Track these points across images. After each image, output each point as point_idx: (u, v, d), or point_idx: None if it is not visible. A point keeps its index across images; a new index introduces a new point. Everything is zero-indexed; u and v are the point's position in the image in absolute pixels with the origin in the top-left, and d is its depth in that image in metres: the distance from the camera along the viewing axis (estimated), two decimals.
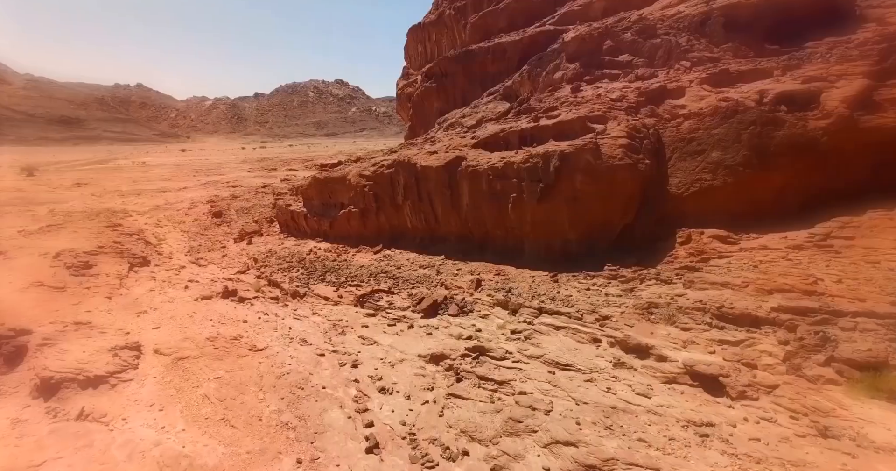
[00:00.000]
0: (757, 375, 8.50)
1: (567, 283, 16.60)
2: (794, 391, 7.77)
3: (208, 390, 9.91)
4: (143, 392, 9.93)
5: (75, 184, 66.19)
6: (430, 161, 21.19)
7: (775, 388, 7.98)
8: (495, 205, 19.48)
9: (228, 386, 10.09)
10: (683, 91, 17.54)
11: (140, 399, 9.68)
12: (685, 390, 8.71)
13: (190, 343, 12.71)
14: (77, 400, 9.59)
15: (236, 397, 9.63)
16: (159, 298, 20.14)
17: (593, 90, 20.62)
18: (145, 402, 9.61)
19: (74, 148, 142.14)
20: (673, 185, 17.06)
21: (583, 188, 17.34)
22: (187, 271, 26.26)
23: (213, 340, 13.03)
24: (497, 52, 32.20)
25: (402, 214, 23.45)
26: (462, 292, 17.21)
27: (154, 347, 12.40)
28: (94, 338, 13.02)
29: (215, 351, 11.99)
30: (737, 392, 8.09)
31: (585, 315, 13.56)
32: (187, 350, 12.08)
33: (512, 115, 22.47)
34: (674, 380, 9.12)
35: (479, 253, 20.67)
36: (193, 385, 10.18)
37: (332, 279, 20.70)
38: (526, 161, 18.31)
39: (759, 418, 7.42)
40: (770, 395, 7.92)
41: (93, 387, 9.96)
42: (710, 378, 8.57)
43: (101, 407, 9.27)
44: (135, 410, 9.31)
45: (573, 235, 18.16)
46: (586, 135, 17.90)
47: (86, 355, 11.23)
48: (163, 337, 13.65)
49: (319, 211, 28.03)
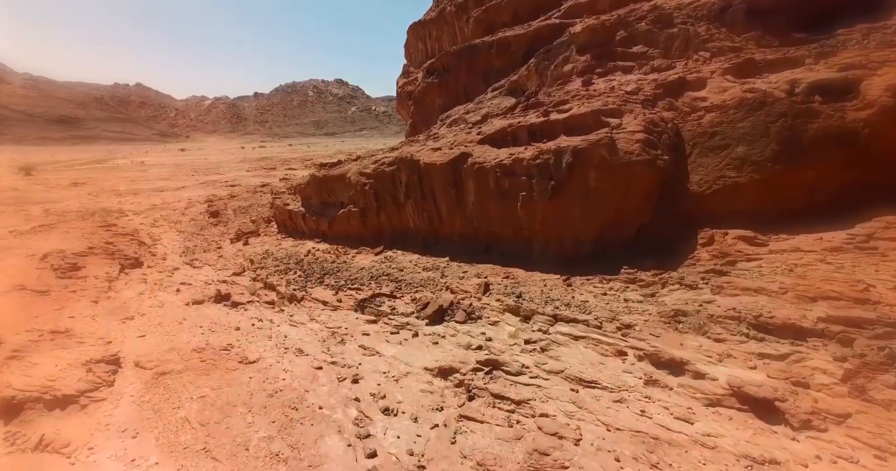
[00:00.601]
0: (819, 399, 7.32)
1: (581, 287, 15.43)
2: (873, 423, 6.59)
3: (190, 412, 8.72)
4: (117, 414, 8.74)
5: (72, 183, 65.04)
6: (433, 158, 19.98)
7: (847, 417, 6.81)
8: (503, 203, 18.29)
9: (213, 407, 8.89)
10: (704, 82, 16.35)
11: (112, 423, 8.50)
12: (733, 415, 7.55)
13: (175, 355, 11.50)
14: (41, 424, 8.40)
15: (221, 420, 8.44)
16: (148, 302, 18.93)
17: (606, 83, 19.42)
18: (117, 426, 8.42)
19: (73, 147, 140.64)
20: (693, 182, 15.88)
21: (597, 186, 16.16)
22: (181, 273, 25.06)
23: (201, 350, 11.83)
24: (501, 46, 30.96)
25: (404, 213, 22.25)
26: (469, 297, 16.03)
27: (135, 359, 11.20)
28: (71, 349, 11.81)
29: (202, 364, 10.79)
30: (799, 421, 6.91)
31: (605, 323, 12.39)
32: (171, 363, 10.88)
33: (519, 110, 21.26)
34: (718, 402, 7.95)
35: (485, 254, 19.48)
36: (174, 406, 8.99)
37: (330, 282, 19.51)
38: (536, 157, 17.12)
39: (836, 457, 6.25)
40: (842, 425, 6.75)
41: (60, 408, 8.77)
42: (762, 402, 7.41)
43: (65, 433, 8.09)
44: (104, 437, 8.12)
45: (586, 236, 16.97)
46: (600, 129, 16.70)
47: (57, 369, 10.03)
48: (146, 347, 12.44)
49: (318, 210, 26.80)
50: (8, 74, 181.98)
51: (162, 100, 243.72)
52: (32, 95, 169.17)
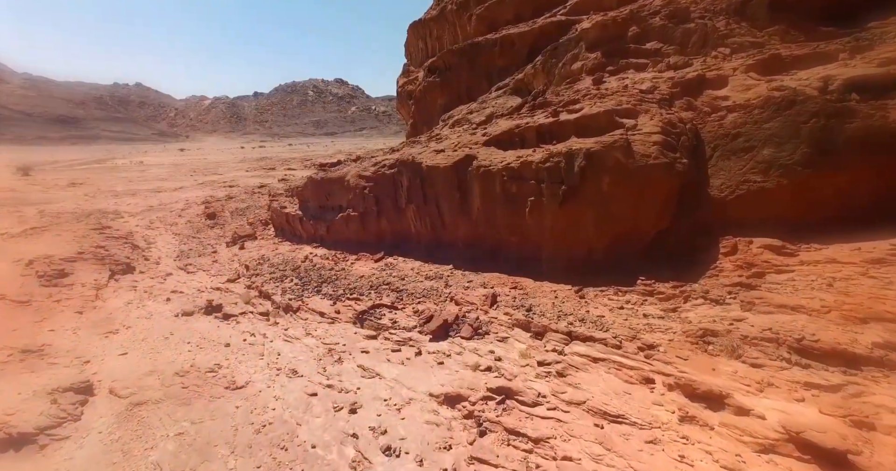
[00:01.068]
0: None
1: (595, 299, 14.30)
2: None
3: (163, 455, 7.59)
4: (79, 458, 7.61)
5: (70, 184, 64.01)
6: (436, 160, 18.82)
7: None
8: (510, 209, 17.15)
9: (191, 448, 7.76)
10: (726, 80, 15.20)
11: (71, 469, 7.36)
12: (793, 466, 6.44)
13: (155, 379, 10.35)
14: None
15: (198, 466, 7.32)
16: (136, 313, 17.77)
17: (618, 81, 18.26)
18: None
19: (72, 147, 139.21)
20: (715, 187, 14.74)
21: (611, 191, 15.02)
22: (173, 279, 23.92)
23: (185, 374, 10.68)
24: (505, 44, 29.75)
25: (405, 218, 21.10)
26: (475, 310, 14.90)
27: (110, 385, 10.05)
28: (41, 372, 10.67)
29: (184, 391, 9.65)
30: None
31: (626, 343, 11.26)
32: (149, 390, 9.74)
33: (526, 110, 20.10)
34: (771, 449, 6.84)
35: (491, 262, 18.33)
36: (146, 446, 7.86)
37: (328, 291, 18.37)
38: (546, 160, 15.97)
39: None
40: None
41: (15, 449, 7.65)
42: (830, 453, 6.30)
43: None
44: None
45: (599, 243, 15.84)
46: (614, 131, 15.56)
47: (19, 399, 8.90)
48: (125, 369, 11.29)
49: (316, 214, 25.65)
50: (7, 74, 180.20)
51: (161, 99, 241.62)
52: (31, 95, 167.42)
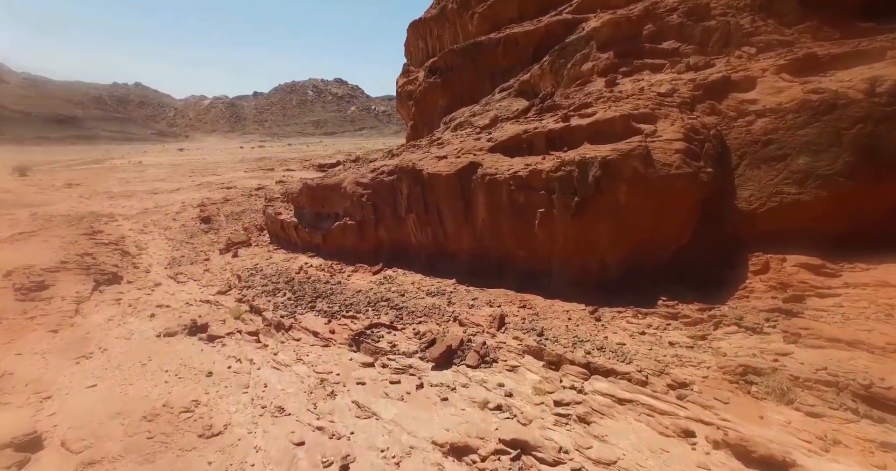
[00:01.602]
0: None
1: (613, 322, 12.95)
2: None
3: None
4: None
5: (67, 184, 62.77)
6: (438, 168, 17.44)
7: None
8: (518, 220, 15.79)
9: None
10: (754, 82, 13.83)
11: None
12: None
13: (117, 426, 8.99)
14: None
15: None
16: (116, 331, 16.38)
17: (633, 83, 16.88)
18: None
19: (71, 147, 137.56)
20: (742, 198, 13.39)
21: (629, 202, 13.68)
22: (162, 290, 22.56)
23: (154, 418, 9.32)
24: (508, 43, 28.36)
25: (405, 227, 19.73)
26: (481, 332, 13.56)
27: (64, 435, 8.69)
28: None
29: (148, 443, 8.30)
30: None
31: (652, 378, 9.92)
32: (108, 442, 8.38)
33: (533, 114, 18.73)
34: None
35: (496, 276, 16.98)
36: None
37: (323, 307, 17.01)
38: (557, 169, 14.61)
39: None
40: None
41: None
42: None
43: None
44: None
45: (614, 259, 14.49)
46: (632, 137, 14.20)
47: None
48: (89, 409, 9.92)
49: (311, 221, 24.27)
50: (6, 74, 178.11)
51: (161, 99, 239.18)
52: (31, 95, 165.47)
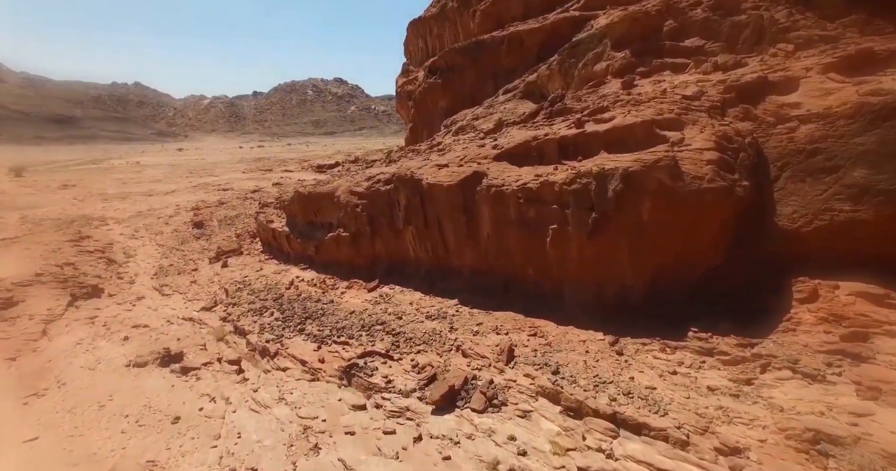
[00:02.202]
0: None
1: (637, 356, 11.30)
2: None
3: None
4: None
5: (62, 186, 61.31)
6: (439, 178, 15.75)
7: None
8: (527, 237, 14.15)
9: None
10: (796, 83, 12.14)
11: None
12: None
13: None
14: None
15: None
16: (81, 359, 14.70)
17: (653, 85, 15.19)
18: None
19: (69, 147, 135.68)
20: (784, 215, 11.73)
21: (653, 219, 12.02)
22: (144, 305, 20.93)
23: None
24: (513, 41, 26.65)
25: (403, 241, 18.06)
26: (488, 366, 11.91)
27: None
28: None
29: None
30: None
31: (695, 437, 8.27)
32: None
33: (542, 118, 17.03)
34: None
35: (503, 296, 15.34)
36: None
37: (313, 330, 15.37)
38: (572, 181, 12.94)
39: None
40: None
41: None
42: None
43: None
44: None
45: (635, 281, 12.84)
46: (656, 146, 12.54)
47: None
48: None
49: (304, 231, 22.59)
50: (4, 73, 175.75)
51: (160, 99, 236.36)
52: (29, 95, 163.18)
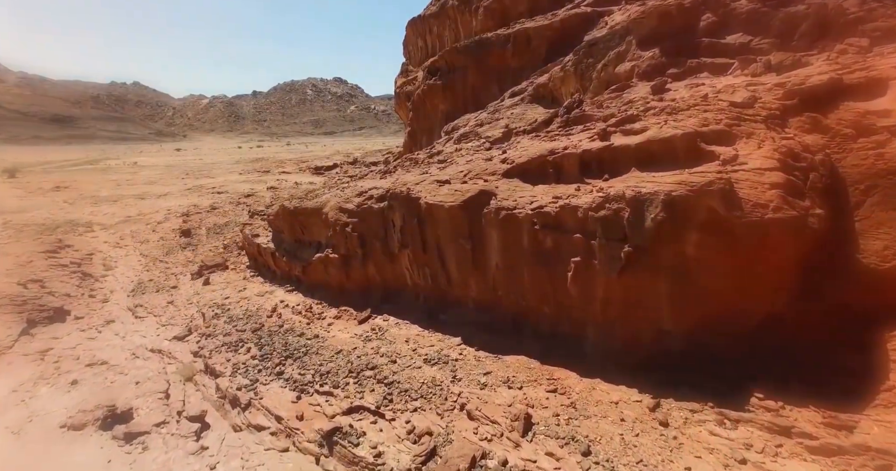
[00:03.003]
0: None
1: (687, 429, 8.95)
2: None
3: None
4: None
5: (55, 187, 59.00)
6: (440, 197, 13.31)
7: None
8: (543, 270, 11.79)
9: None
10: (883, 85, 9.75)
11: None
12: None
13: None
14: None
15: None
16: (11, 415, 12.10)
17: (690, 89, 12.77)
18: None
19: (67, 147, 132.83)
20: (871, 251, 9.37)
21: (701, 255, 9.67)
22: (110, 332, 18.52)
23: None
24: (519, 40, 24.17)
25: (398, 265, 15.66)
26: (499, 436, 9.55)
27: None
28: None
29: None
30: None
31: None
32: None
33: (558, 127, 14.60)
34: None
35: (513, 335, 12.98)
36: None
37: (293, 374, 13.02)
38: (599, 206, 10.55)
39: None
40: None
41: None
42: None
43: None
44: None
45: (676, 328, 10.49)
46: (703, 164, 10.13)
47: None
48: None
49: (290, 249, 20.16)
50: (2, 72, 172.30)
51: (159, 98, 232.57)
52: (27, 94, 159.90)
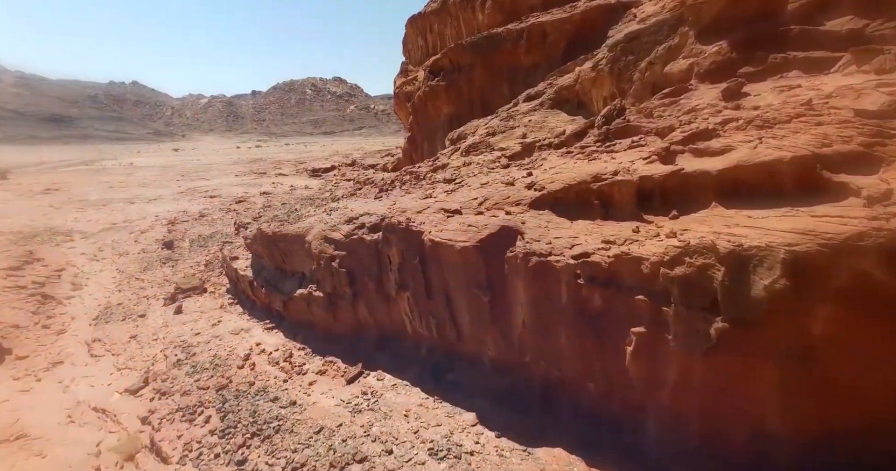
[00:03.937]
0: None
1: None
2: None
3: None
4: None
5: (45, 190, 56.05)
6: (448, 233, 10.03)
7: None
8: (589, 336, 8.60)
9: None
10: None
11: None
12: None
13: None
14: None
15: None
16: None
17: (781, 94, 9.48)
18: None
19: (64, 147, 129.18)
20: None
21: (833, 335, 6.51)
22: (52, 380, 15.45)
23: None
24: (533, 35, 20.82)
25: (396, 309, 12.45)
26: None
27: None
28: None
29: None
30: None
31: None
32: None
33: (596, 141, 11.31)
34: None
35: (544, 411, 9.83)
36: None
37: (258, 463, 9.86)
38: (676, 261, 7.35)
39: None
40: None
41: None
42: None
43: None
44: None
45: (786, 430, 7.30)
46: (841, 203, 6.94)
47: None
48: None
49: (271, 277, 16.93)
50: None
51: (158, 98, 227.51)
52: (24, 94, 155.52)
